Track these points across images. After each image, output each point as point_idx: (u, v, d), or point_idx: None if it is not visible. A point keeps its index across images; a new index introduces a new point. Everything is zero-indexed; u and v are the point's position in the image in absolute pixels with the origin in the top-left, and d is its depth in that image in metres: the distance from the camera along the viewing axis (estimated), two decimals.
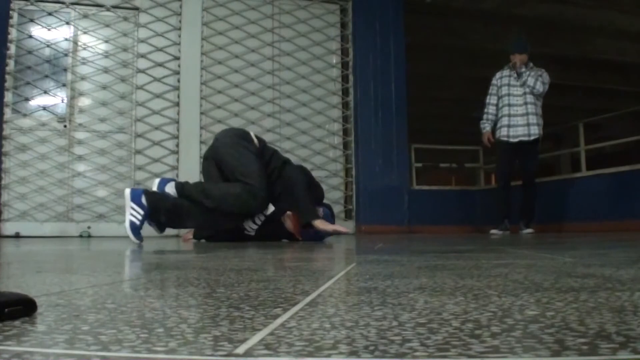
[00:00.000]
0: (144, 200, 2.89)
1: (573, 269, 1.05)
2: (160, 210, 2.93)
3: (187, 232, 3.68)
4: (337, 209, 5.92)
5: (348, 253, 2.00)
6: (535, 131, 5.03)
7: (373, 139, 6.03)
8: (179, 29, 5.74)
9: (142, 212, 2.87)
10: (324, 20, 6.17)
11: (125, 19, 5.63)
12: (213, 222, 3.15)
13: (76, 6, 5.54)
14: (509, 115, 5.09)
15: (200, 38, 5.77)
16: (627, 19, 7.62)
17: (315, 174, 3.94)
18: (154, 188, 3.09)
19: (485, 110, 5.30)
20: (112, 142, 5.47)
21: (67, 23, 5.51)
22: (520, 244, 2.65)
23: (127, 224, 2.85)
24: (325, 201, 3.49)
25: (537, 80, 5.02)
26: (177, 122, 5.62)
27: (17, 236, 5.02)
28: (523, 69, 5.09)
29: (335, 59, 6.20)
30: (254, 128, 5.79)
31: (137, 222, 2.85)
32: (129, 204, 2.88)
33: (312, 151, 5.90)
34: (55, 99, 5.43)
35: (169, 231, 4.60)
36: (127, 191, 2.92)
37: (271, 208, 3.35)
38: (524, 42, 5.17)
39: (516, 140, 5.05)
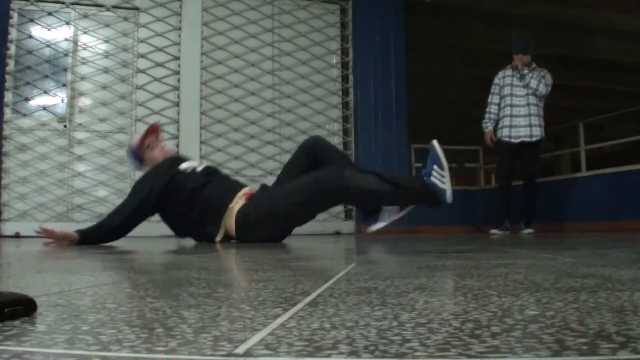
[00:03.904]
0: None
1: (573, 269, 1.05)
2: None
3: None
4: (337, 209, 5.93)
5: (348, 253, 2.00)
6: (537, 132, 5.03)
7: (373, 139, 6.03)
8: (179, 29, 5.75)
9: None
10: (324, 20, 6.17)
11: (125, 19, 5.63)
12: None
13: (76, 6, 5.54)
14: (511, 116, 5.08)
15: (200, 38, 5.77)
16: (627, 19, 7.63)
17: None
18: None
19: (487, 109, 5.29)
20: (112, 142, 5.48)
21: (67, 23, 5.51)
22: (520, 244, 2.65)
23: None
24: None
25: (540, 82, 5.01)
26: (177, 122, 5.62)
27: (17, 236, 5.02)
28: (526, 70, 5.07)
29: (335, 59, 6.20)
30: (254, 128, 5.81)
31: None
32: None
33: None
34: (55, 99, 5.43)
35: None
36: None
37: None
38: (527, 42, 5.14)
39: (518, 140, 5.05)
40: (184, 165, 3.06)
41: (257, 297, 0.71)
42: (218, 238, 2.93)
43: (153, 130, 3.20)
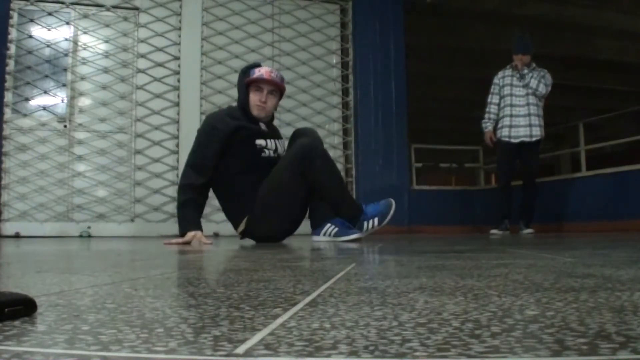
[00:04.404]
0: None
1: (573, 269, 1.05)
2: None
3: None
4: None
5: (348, 253, 1.99)
6: (537, 132, 5.03)
7: (373, 139, 6.03)
8: (179, 29, 5.74)
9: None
10: (324, 20, 6.17)
11: (125, 19, 5.63)
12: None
13: (76, 6, 5.54)
14: (511, 116, 5.08)
15: (200, 38, 5.77)
16: (627, 19, 7.63)
17: None
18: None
19: (487, 109, 5.29)
20: (112, 142, 5.47)
21: (67, 23, 5.51)
22: (520, 244, 2.65)
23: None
24: None
25: (540, 82, 5.00)
26: (177, 122, 5.62)
27: (17, 236, 5.03)
28: (526, 70, 5.07)
29: (335, 59, 6.20)
30: None
31: None
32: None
33: None
34: (55, 99, 5.43)
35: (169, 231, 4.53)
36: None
37: None
38: (527, 42, 5.14)
39: (517, 140, 5.04)
40: (260, 142, 3.06)
41: (257, 297, 0.71)
42: (240, 229, 3.00)
43: (281, 91, 3.21)
